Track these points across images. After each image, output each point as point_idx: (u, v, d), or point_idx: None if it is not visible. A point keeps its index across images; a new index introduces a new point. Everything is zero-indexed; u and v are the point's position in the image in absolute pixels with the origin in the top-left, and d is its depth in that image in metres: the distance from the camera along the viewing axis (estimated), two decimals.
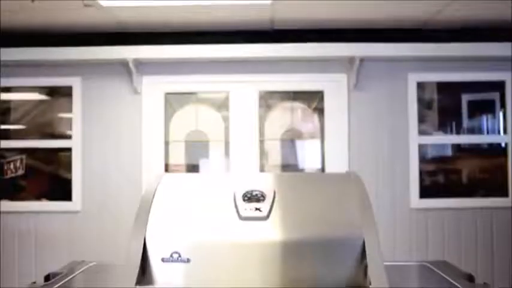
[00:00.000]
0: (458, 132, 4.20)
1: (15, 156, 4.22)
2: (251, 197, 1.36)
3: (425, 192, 4.05)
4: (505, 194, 4.05)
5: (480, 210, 4.04)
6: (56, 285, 1.47)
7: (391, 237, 3.97)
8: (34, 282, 1.51)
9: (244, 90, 4.11)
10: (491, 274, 3.99)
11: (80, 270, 1.68)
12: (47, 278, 1.56)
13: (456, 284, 1.45)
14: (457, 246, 4.03)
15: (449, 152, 4.26)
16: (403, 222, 4.02)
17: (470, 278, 1.52)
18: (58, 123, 4.35)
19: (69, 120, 4.20)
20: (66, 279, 1.55)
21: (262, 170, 4.10)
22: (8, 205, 4.14)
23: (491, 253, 4.03)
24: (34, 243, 4.14)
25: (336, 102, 4.08)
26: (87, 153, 4.15)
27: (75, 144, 4.14)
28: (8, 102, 4.32)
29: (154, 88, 4.12)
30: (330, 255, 1.25)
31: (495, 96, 4.13)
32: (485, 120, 4.22)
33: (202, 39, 4.03)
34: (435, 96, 4.20)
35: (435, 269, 1.65)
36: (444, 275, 1.56)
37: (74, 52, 4.02)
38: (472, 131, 4.21)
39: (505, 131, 4.11)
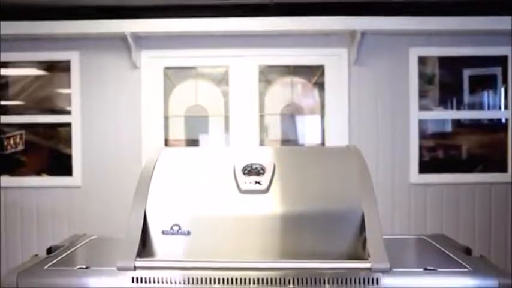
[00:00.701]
0: (458, 108, 4.18)
1: (15, 131, 4.21)
2: (251, 171, 1.36)
3: (425, 167, 4.07)
4: (504, 169, 4.06)
5: (479, 186, 4.06)
6: (58, 258, 1.48)
7: (390, 211, 4.01)
8: (36, 255, 1.53)
9: (244, 65, 4.07)
10: (488, 248, 4.04)
11: (82, 243, 1.70)
12: (49, 250, 1.58)
13: (453, 256, 1.47)
14: (456, 220, 4.07)
15: (449, 128, 4.25)
16: (402, 197, 4.05)
17: (468, 251, 1.53)
18: (57, 99, 4.33)
19: (68, 95, 4.18)
20: (68, 252, 1.56)
21: (262, 144, 4.09)
22: (9, 180, 4.16)
23: (489, 227, 4.07)
24: (36, 217, 4.17)
25: (336, 77, 4.05)
26: (87, 128, 4.14)
27: (74, 119, 4.13)
28: (6, 77, 4.29)
29: (153, 62, 4.08)
30: (329, 227, 1.26)
31: (497, 71, 4.09)
32: (486, 96, 4.20)
33: (202, 13, 3.98)
34: (436, 71, 4.17)
35: (433, 242, 1.67)
36: (442, 248, 1.58)
37: (72, 26, 3.96)
38: (472, 106, 4.19)
39: (506, 107, 4.09)
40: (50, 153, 4.31)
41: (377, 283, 1.22)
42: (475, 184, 4.06)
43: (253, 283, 1.22)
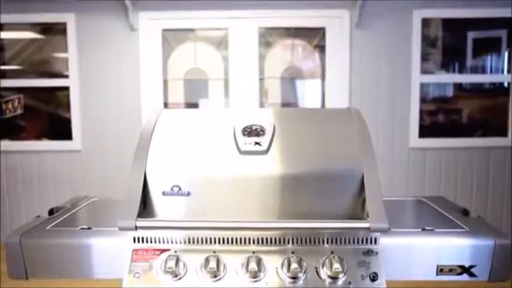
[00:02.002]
0: (461, 71, 4.14)
1: (13, 95, 4.19)
2: (251, 131, 1.35)
3: (425, 131, 4.07)
4: (504, 133, 4.06)
5: (478, 150, 4.07)
6: (60, 219, 1.50)
7: (389, 175, 4.04)
8: (38, 216, 1.54)
9: (243, 27, 4.01)
10: (484, 211, 4.09)
11: (83, 204, 1.71)
12: (51, 211, 1.60)
13: (451, 217, 1.48)
14: (453, 184, 4.10)
15: (450, 92, 4.23)
16: (401, 160, 4.07)
17: (465, 212, 1.55)
18: (54, 62, 4.28)
19: (65, 58, 4.14)
20: (70, 213, 1.58)
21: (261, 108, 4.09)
22: (9, 144, 4.17)
23: (486, 191, 4.11)
24: (37, 181, 4.21)
25: (337, 40, 4.00)
26: (85, 92, 4.12)
27: (72, 82, 4.10)
28: (1, 40, 4.23)
29: (151, 24, 4.02)
30: (329, 188, 1.26)
31: (502, 33, 4.02)
32: (489, 59, 4.15)
33: None
34: (440, 34, 4.11)
35: (431, 204, 1.68)
36: (440, 209, 1.59)
37: None
38: (475, 70, 4.15)
39: (508, 71, 4.05)
40: (49, 117, 4.30)
41: (375, 243, 1.24)
42: (474, 148, 4.07)
43: (253, 243, 1.23)
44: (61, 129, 4.17)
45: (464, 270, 1.29)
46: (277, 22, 4.05)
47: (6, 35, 4.19)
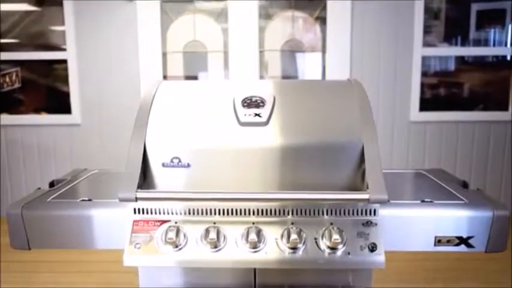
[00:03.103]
0: (464, 44, 4.09)
1: (10, 68, 4.16)
2: (250, 103, 1.35)
3: (426, 105, 4.05)
4: (505, 107, 4.05)
5: (479, 123, 4.07)
6: (61, 191, 1.50)
7: (389, 148, 4.05)
8: (39, 188, 1.55)
9: None
10: (484, 184, 4.11)
11: (83, 177, 1.71)
12: (52, 184, 1.60)
13: (450, 189, 1.49)
14: (453, 158, 4.11)
15: (452, 65, 4.19)
16: (401, 134, 4.07)
17: (464, 184, 1.55)
18: (51, 35, 4.23)
19: (63, 31, 4.09)
20: (70, 185, 1.58)
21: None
22: (9, 118, 4.16)
23: (485, 164, 4.12)
24: (37, 154, 4.22)
25: (338, 12, 3.94)
26: (84, 65, 4.09)
27: (70, 55, 4.06)
28: None
29: None
30: (329, 159, 1.26)
31: (506, 5, 3.96)
32: (492, 32, 4.09)
33: None
34: (443, 6, 4.04)
35: (431, 176, 1.69)
36: (439, 181, 1.60)
37: None
38: (478, 43, 4.10)
39: None
40: (48, 91, 4.28)
41: (375, 214, 1.25)
42: (475, 122, 4.06)
43: (253, 214, 1.24)
44: (60, 103, 4.16)
45: (462, 241, 1.30)
46: None
47: (1, 7, 4.13)
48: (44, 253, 1.41)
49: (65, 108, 4.13)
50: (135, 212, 1.26)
